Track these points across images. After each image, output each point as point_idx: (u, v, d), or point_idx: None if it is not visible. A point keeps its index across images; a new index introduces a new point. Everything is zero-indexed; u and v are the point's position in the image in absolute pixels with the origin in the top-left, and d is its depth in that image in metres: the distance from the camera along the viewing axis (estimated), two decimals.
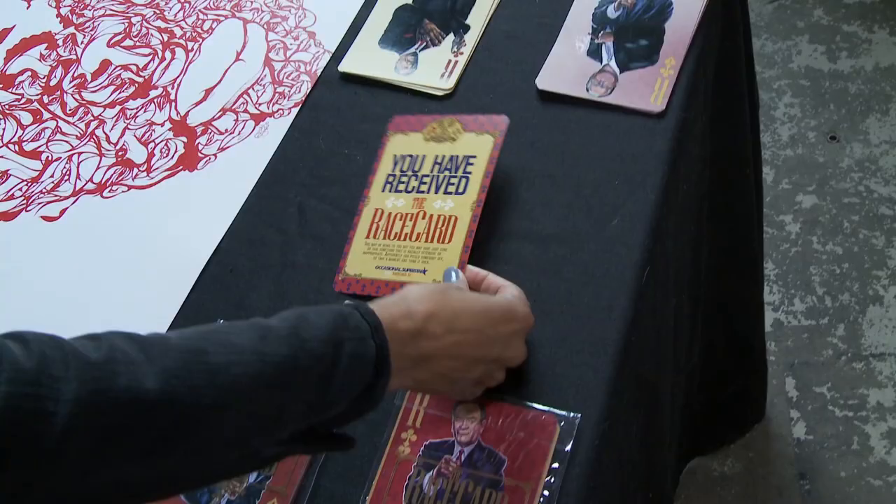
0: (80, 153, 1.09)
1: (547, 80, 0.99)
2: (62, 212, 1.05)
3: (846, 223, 1.92)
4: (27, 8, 1.26)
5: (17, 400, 0.52)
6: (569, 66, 0.99)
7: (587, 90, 0.97)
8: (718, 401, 1.55)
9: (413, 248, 0.89)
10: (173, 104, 1.11)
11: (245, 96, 1.09)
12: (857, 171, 1.98)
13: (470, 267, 0.85)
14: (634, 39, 0.99)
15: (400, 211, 0.90)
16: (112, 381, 0.55)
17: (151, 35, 1.18)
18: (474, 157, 0.90)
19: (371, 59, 1.06)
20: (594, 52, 0.99)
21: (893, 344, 1.76)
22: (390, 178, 0.93)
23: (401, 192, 0.92)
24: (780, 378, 1.76)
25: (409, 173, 0.92)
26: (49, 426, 0.52)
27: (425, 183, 0.91)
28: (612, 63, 0.98)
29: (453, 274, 0.84)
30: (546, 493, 0.75)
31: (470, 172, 0.89)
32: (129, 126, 1.10)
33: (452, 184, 0.90)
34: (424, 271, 0.87)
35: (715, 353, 1.40)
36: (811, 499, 1.62)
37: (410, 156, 0.93)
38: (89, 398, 0.54)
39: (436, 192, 0.90)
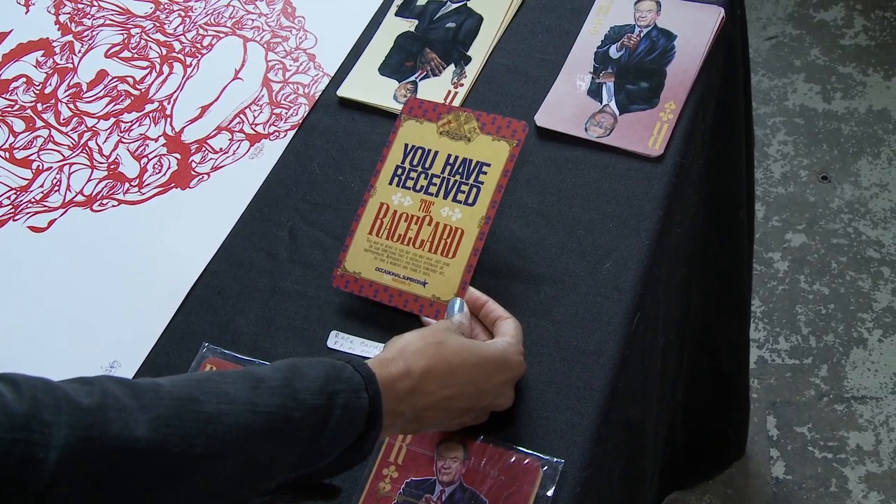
0: (71, 164, 1.09)
1: (546, 117, 0.99)
2: (50, 223, 1.04)
3: (834, 264, 1.92)
4: (25, 13, 1.25)
5: (7, 446, 0.52)
6: (568, 104, 0.99)
7: (586, 130, 0.97)
8: (700, 437, 1.55)
9: (416, 256, 0.88)
10: (169, 119, 1.10)
11: (241, 115, 1.08)
12: (846, 212, 1.99)
13: (471, 290, 0.85)
14: (635, 81, 0.99)
15: (406, 211, 0.89)
16: (103, 428, 0.55)
17: (150, 48, 1.18)
18: (488, 165, 0.87)
19: (370, 86, 1.06)
20: (594, 91, 0.99)
21: (875, 387, 1.76)
22: (399, 171, 0.90)
23: (409, 188, 0.89)
24: (762, 416, 1.76)
25: (419, 169, 0.90)
26: (38, 472, 0.52)
27: (434, 184, 0.89)
28: (612, 104, 0.98)
29: (456, 306, 0.83)
30: None
31: (482, 182, 0.87)
32: (123, 139, 1.09)
33: (462, 192, 0.88)
34: (425, 283, 0.87)
35: (698, 390, 1.40)
36: None
37: (422, 149, 0.90)
38: (79, 444, 0.54)
39: (444, 198, 0.88)
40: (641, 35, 1.02)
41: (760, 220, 1.98)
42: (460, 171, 0.89)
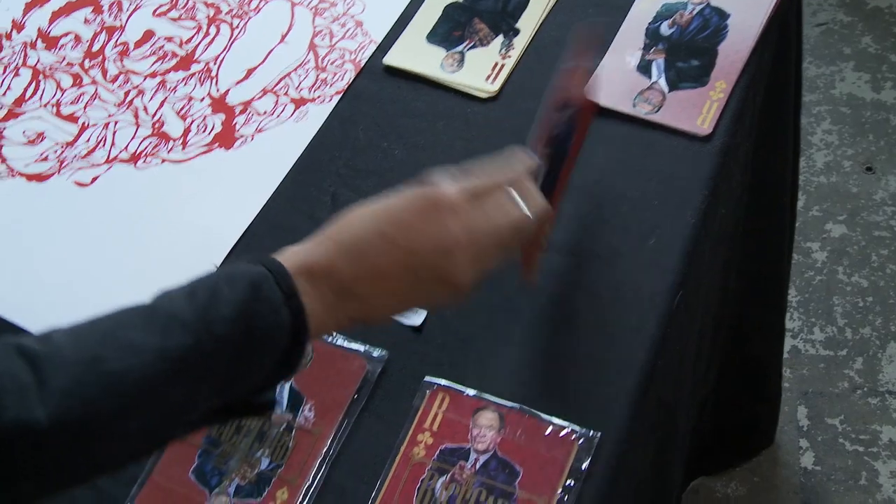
0: (116, 121, 1.09)
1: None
2: (94, 179, 1.05)
3: (874, 256, 1.90)
4: None
5: None
6: (617, 81, 0.98)
7: (633, 106, 0.96)
8: (729, 424, 1.54)
9: None
10: (214, 81, 1.10)
11: (287, 79, 1.08)
12: (890, 204, 1.96)
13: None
14: (686, 59, 0.97)
15: None
16: (0, 413, 0.54)
17: (198, 9, 1.18)
18: None
19: (417, 54, 1.05)
20: (644, 68, 0.98)
21: None
22: None
23: None
24: (793, 406, 1.75)
25: None
26: None
27: None
28: (662, 81, 0.96)
29: None
30: None
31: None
32: (168, 99, 1.10)
33: None
34: None
35: (730, 376, 1.39)
36: None
37: None
38: None
39: None
40: (694, 13, 1.01)
41: (800, 210, 1.96)
42: None
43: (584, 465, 0.76)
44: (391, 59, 1.06)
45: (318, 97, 1.06)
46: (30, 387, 0.55)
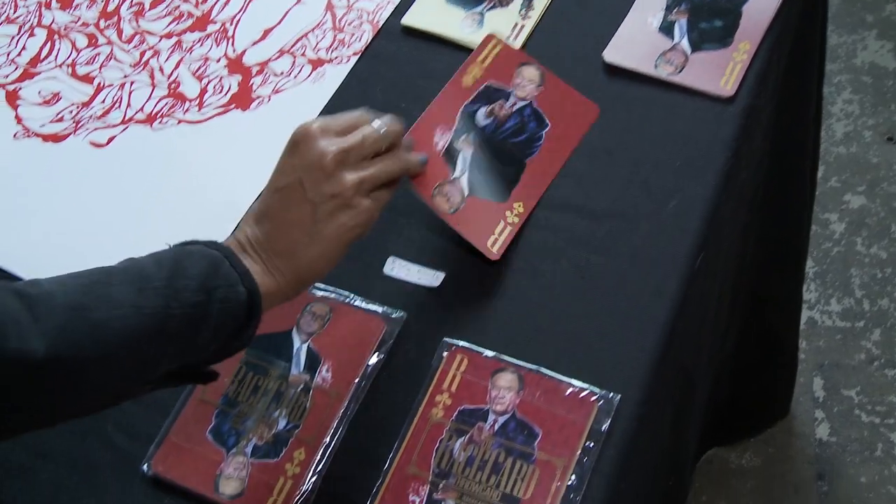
0: (132, 82, 1.08)
1: (615, 53, 0.96)
2: (110, 139, 1.04)
3: (894, 227, 1.88)
4: None
5: None
6: (639, 41, 0.96)
7: (655, 67, 0.94)
8: (744, 393, 1.53)
9: None
10: (230, 41, 1.09)
11: (304, 40, 1.07)
12: None
13: None
14: (709, 19, 0.96)
15: None
16: (3, 342, 0.58)
17: None
18: None
19: (436, 15, 1.04)
20: (666, 28, 0.96)
21: None
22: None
23: None
24: (808, 377, 1.74)
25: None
26: None
27: None
28: (684, 42, 0.95)
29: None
30: (578, 470, 0.74)
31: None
32: (185, 59, 1.09)
33: None
34: None
35: (747, 345, 1.38)
36: (828, 501, 1.60)
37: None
38: None
39: None
40: None
41: (819, 180, 1.93)
42: None
43: (605, 427, 0.75)
44: (409, 19, 1.05)
45: (336, 58, 1.05)
46: (27, 323, 0.60)
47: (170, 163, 1.01)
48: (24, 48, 1.13)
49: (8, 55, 1.12)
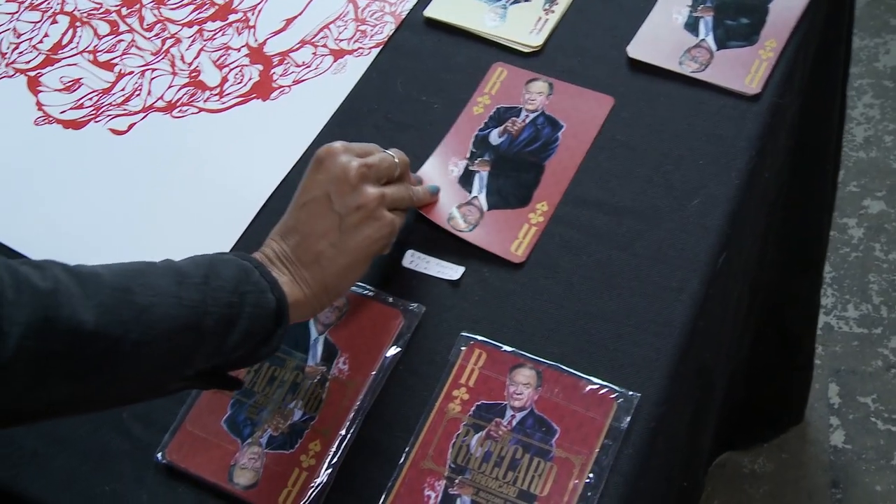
0: (153, 69, 1.08)
1: (639, 49, 0.95)
2: (130, 126, 1.04)
3: None
4: None
5: None
6: (663, 38, 0.95)
7: (680, 64, 0.93)
8: (759, 397, 1.52)
9: None
10: (252, 30, 1.09)
11: (326, 30, 1.07)
12: None
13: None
14: (735, 17, 0.95)
15: None
16: (57, 311, 0.60)
17: None
18: None
19: (459, 7, 1.03)
20: (691, 25, 0.96)
21: None
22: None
23: None
24: (824, 383, 1.72)
25: None
26: (3, 345, 0.57)
27: None
28: (710, 39, 0.94)
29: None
30: (596, 468, 0.73)
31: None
32: (206, 48, 1.09)
33: None
34: None
35: (762, 348, 1.37)
36: None
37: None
38: (37, 324, 0.59)
39: None
40: None
41: (838, 184, 1.92)
42: None
43: (624, 425, 0.74)
44: (432, 11, 1.04)
45: (358, 49, 1.04)
46: (79, 295, 0.61)
47: (189, 151, 1.00)
48: (46, 34, 1.13)
49: (30, 41, 1.12)
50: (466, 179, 0.91)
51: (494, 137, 0.93)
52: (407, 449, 0.77)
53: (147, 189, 0.98)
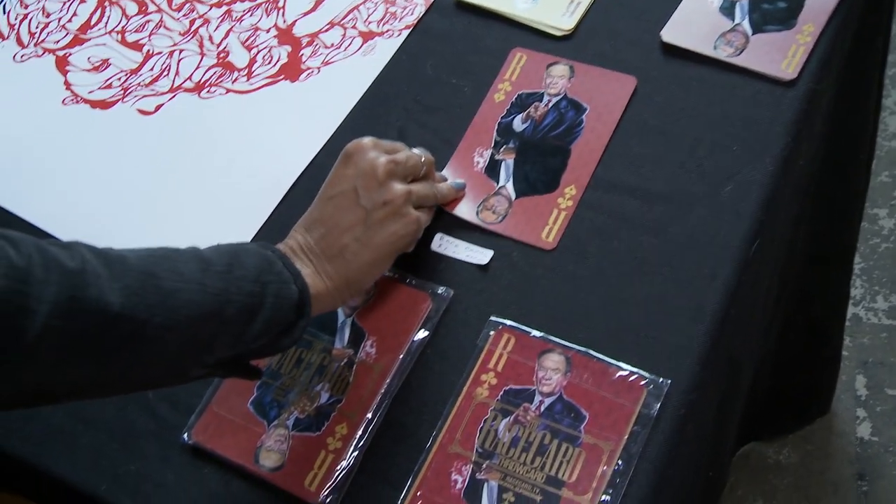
0: (181, 50, 1.08)
1: (673, 33, 0.94)
2: (158, 107, 1.03)
3: None
4: None
5: (10, 294, 0.57)
6: (698, 22, 0.94)
7: (714, 48, 0.92)
8: (785, 388, 1.50)
9: None
10: (281, 11, 1.08)
11: (356, 12, 1.06)
12: None
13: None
14: (772, 0, 0.93)
15: None
16: (84, 291, 0.60)
17: None
18: None
19: None
20: (727, 9, 0.94)
21: None
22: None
23: None
24: (851, 375, 1.71)
25: None
26: (31, 323, 0.57)
27: None
28: (745, 23, 0.93)
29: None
30: (625, 455, 0.72)
31: None
32: (234, 29, 1.08)
33: None
34: None
35: (790, 338, 1.35)
36: (868, 501, 1.57)
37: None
38: (65, 302, 0.59)
39: None
40: None
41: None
42: None
43: (654, 412, 0.74)
44: None
45: (387, 31, 1.03)
46: (105, 276, 0.61)
47: (217, 132, 1.00)
48: (74, 14, 1.13)
49: (59, 20, 1.12)
50: (493, 169, 0.90)
51: (518, 124, 0.92)
52: (434, 433, 0.77)
53: (174, 170, 0.98)
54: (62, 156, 1.01)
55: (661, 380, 0.75)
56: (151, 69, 1.06)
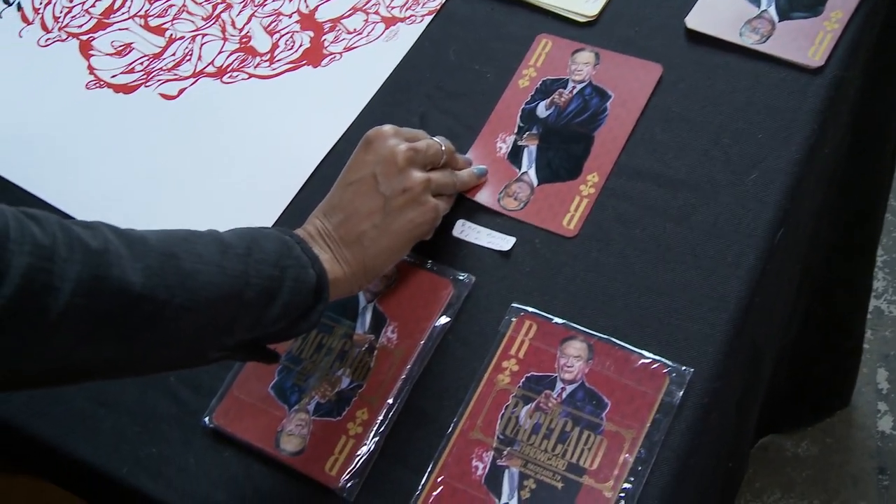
0: (204, 34, 1.08)
1: (698, 19, 0.93)
2: (180, 91, 1.03)
3: None
4: None
5: (35, 272, 0.57)
6: (723, 8, 0.93)
7: (740, 35, 0.91)
8: (805, 380, 1.49)
9: None
10: None
11: None
12: None
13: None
14: None
15: None
16: (107, 270, 0.60)
17: None
18: None
19: None
20: None
21: None
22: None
23: None
24: (872, 368, 1.69)
25: None
26: (55, 301, 0.57)
27: None
28: (772, 9, 0.92)
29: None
30: (647, 443, 0.72)
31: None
32: (256, 14, 1.08)
33: None
34: None
35: (811, 330, 1.34)
36: (889, 496, 1.56)
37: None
38: (89, 281, 0.59)
39: None
40: None
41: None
42: None
43: (676, 400, 0.73)
44: None
45: (410, 17, 1.03)
46: (127, 257, 0.62)
47: (239, 117, 1.00)
48: None
49: (83, 5, 1.13)
50: (515, 156, 0.89)
51: (542, 110, 0.91)
52: (455, 419, 0.77)
53: (195, 154, 0.98)
54: (85, 139, 1.01)
55: (683, 368, 0.75)
56: (174, 54, 1.07)
